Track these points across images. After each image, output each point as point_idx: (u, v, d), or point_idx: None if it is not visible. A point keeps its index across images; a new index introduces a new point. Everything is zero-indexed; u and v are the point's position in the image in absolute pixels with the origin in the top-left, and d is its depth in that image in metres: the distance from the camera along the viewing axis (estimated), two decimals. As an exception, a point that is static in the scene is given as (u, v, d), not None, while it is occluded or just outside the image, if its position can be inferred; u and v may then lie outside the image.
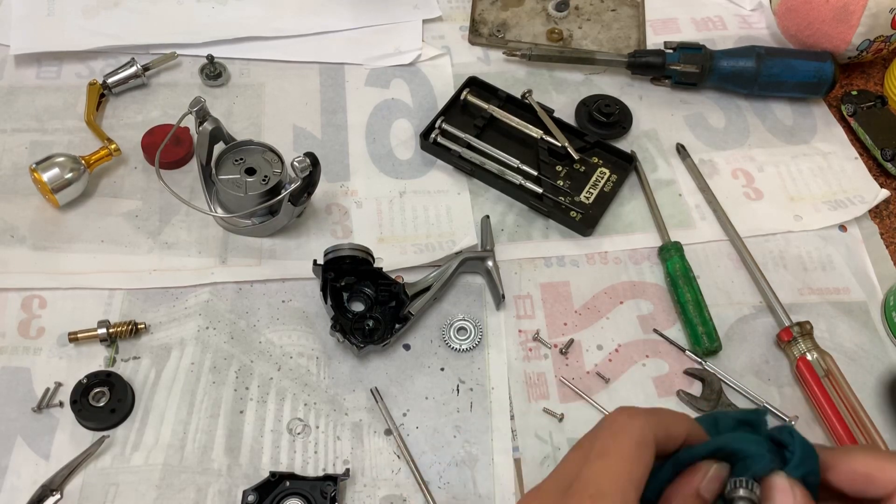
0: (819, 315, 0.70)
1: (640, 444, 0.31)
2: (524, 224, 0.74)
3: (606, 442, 0.31)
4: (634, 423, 0.32)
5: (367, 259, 0.66)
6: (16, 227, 0.71)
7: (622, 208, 0.76)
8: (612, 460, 0.31)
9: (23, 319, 0.66)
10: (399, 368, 0.65)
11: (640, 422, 0.32)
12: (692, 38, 0.87)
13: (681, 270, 0.69)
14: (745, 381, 0.65)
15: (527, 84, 0.84)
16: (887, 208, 0.78)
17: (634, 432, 0.31)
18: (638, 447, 0.31)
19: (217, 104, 0.81)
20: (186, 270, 0.69)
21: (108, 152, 0.73)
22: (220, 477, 0.59)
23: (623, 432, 0.31)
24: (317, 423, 0.62)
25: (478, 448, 0.61)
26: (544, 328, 0.68)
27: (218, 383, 0.63)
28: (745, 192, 0.78)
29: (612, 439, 0.31)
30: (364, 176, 0.77)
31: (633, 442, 0.31)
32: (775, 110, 0.85)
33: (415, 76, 0.85)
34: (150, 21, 0.86)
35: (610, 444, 0.31)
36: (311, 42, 0.87)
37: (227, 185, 0.69)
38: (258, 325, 0.67)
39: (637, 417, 0.32)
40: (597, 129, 0.80)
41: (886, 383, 0.66)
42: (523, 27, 0.91)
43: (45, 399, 0.61)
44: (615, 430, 0.32)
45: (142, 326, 0.65)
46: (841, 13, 0.80)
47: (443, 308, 0.68)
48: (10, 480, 0.58)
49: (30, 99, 0.80)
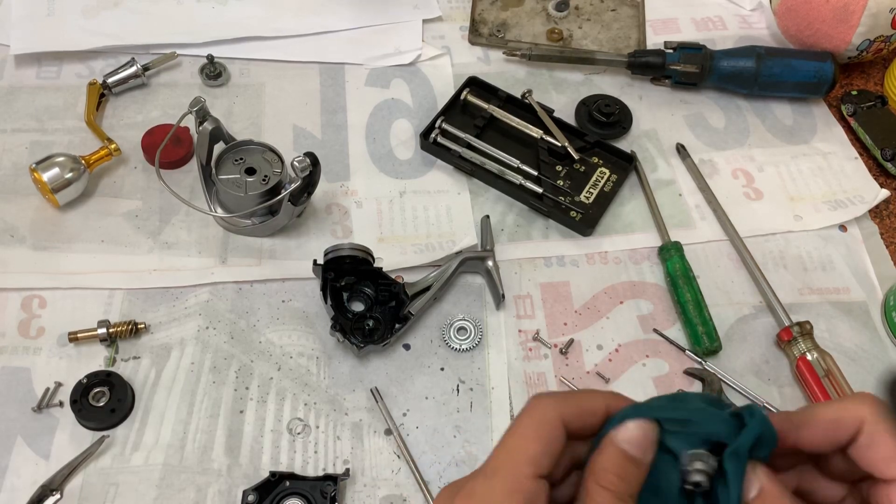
0: (819, 315, 0.70)
1: (541, 422, 0.32)
2: (524, 224, 0.74)
3: (512, 425, 0.33)
4: (539, 404, 0.33)
5: (367, 259, 0.66)
6: (16, 227, 0.71)
7: (622, 208, 0.76)
8: (509, 439, 0.33)
9: (23, 319, 0.66)
10: (399, 368, 0.65)
11: (545, 401, 0.33)
12: (692, 38, 0.87)
13: (681, 270, 0.69)
14: (745, 381, 0.65)
15: (527, 84, 0.84)
16: (887, 208, 0.78)
17: (536, 412, 0.33)
18: (538, 425, 0.32)
19: (217, 104, 0.81)
20: (186, 270, 0.69)
21: (108, 152, 0.73)
22: (220, 477, 0.59)
23: (525, 414, 0.33)
24: (317, 423, 0.62)
25: (478, 448, 0.61)
26: (544, 328, 0.68)
27: (218, 383, 0.63)
28: (745, 192, 0.78)
29: (517, 421, 0.33)
30: (364, 176, 0.77)
31: (532, 421, 0.33)
32: (775, 110, 0.85)
33: (415, 76, 0.85)
34: (150, 21, 0.86)
35: (513, 426, 0.33)
36: (311, 42, 0.87)
37: (227, 185, 0.69)
38: (258, 325, 0.67)
39: (543, 398, 0.33)
40: (597, 129, 0.80)
41: (886, 383, 0.66)
42: (523, 27, 0.91)
43: (45, 399, 0.61)
44: (522, 413, 0.33)
45: (142, 326, 0.65)
46: (841, 13, 0.80)
47: (443, 308, 0.68)
48: (10, 480, 0.58)
49: (30, 99, 0.80)
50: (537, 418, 0.33)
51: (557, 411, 0.33)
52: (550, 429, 0.33)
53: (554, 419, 0.33)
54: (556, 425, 0.33)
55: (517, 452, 0.32)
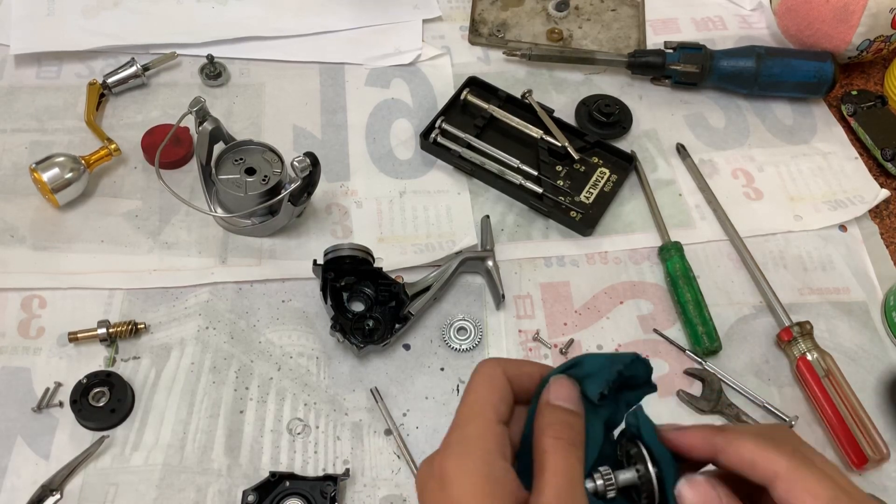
0: (819, 315, 0.70)
1: (490, 376, 0.38)
2: (524, 224, 0.74)
3: (468, 384, 0.38)
4: (486, 364, 0.39)
5: (367, 259, 0.66)
6: (16, 227, 0.71)
7: (622, 208, 0.76)
8: (469, 395, 0.38)
9: (23, 319, 0.66)
10: (399, 368, 0.65)
11: (491, 362, 0.39)
12: (692, 38, 0.87)
13: (681, 270, 0.69)
14: (745, 381, 0.65)
15: (527, 84, 0.84)
16: (887, 208, 0.78)
17: (484, 369, 0.39)
18: (490, 378, 0.38)
19: (217, 104, 0.81)
20: (186, 270, 0.69)
21: (107, 152, 0.73)
22: (220, 477, 0.59)
23: (477, 374, 0.39)
24: (317, 423, 0.62)
25: (478, 448, 0.61)
26: (544, 328, 0.68)
27: (218, 383, 0.63)
28: (745, 192, 0.78)
29: (472, 381, 0.39)
30: (364, 176, 0.77)
31: (485, 378, 0.38)
32: (775, 110, 0.85)
33: (415, 76, 0.85)
34: (150, 21, 0.86)
35: (469, 384, 0.38)
36: (311, 42, 0.87)
37: (227, 185, 0.69)
38: (258, 325, 0.67)
39: (489, 360, 0.39)
40: (597, 129, 0.80)
41: (886, 383, 0.66)
42: (523, 27, 0.91)
43: (45, 399, 0.61)
44: (474, 374, 0.39)
45: (142, 326, 0.65)
46: (841, 13, 0.80)
47: (443, 308, 0.68)
48: (10, 480, 0.58)
49: (30, 99, 0.80)
50: (488, 374, 0.38)
51: (500, 368, 0.38)
52: (501, 382, 0.38)
53: (499, 374, 0.38)
54: (504, 379, 0.38)
55: (479, 404, 0.37)
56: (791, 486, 0.33)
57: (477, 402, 0.37)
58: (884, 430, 0.62)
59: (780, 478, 0.33)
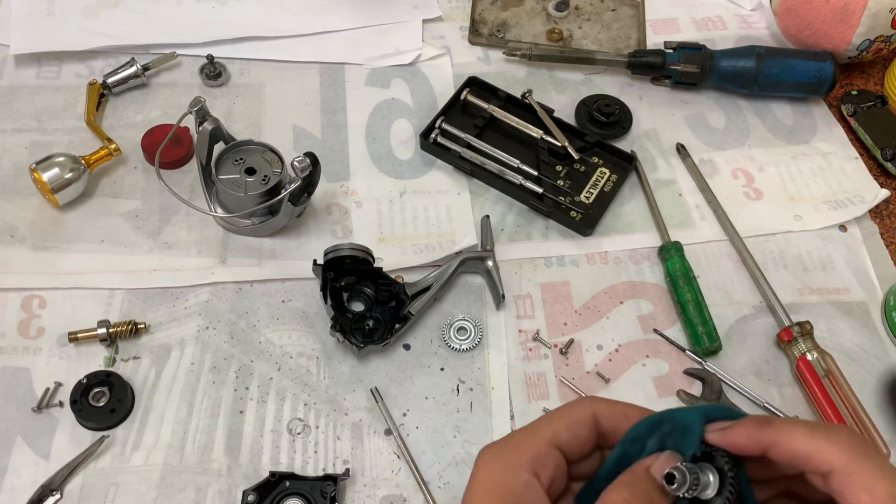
0: (819, 315, 0.70)
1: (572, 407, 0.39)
2: (524, 224, 0.74)
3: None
4: (577, 399, 0.40)
5: (367, 259, 0.66)
6: (16, 227, 0.71)
7: (622, 208, 0.76)
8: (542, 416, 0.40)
9: (23, 319, 0.66)
10: (399, 368, 0.65)
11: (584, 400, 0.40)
12: (692, 38, 0.87)
13: (681, 270, 0.69)
14: (745, 381, 0.65)
15: (527, 84, 0.84)
16: (887, 208, 0.78)
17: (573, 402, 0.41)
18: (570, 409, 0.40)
19: (217, 104, 0.81)
20: (186, 270, 0.69)
21: (107, 152, 0.73)
22: (220, 477, 0.59)
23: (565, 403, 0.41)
24: (317, 423, 0.62)
25: (478, 448, 0.61)
26: (544, 328, 0.68)
27: (218, 383, 0.63)
28: (745, 192, 0.78)
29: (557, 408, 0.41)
30: (364, 176, 0.77)
31: (566, 406, 0.40)
32: (775, 110, 0.85)
33: (415, 76, 0.85)
34: (150, 21, 0.86)
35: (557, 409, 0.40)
36: (311, 42, 0.87)
37: (227, 185, 0.69)
38: (258, 325, 0.67)
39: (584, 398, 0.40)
40: (597, 129, 0.80)
41: (886, 383, 0.66)
42: (523, 27, 0.91)
43: (44, 399, 0.61)
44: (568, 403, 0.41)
45: (142, 326, 0.65)
46: (841, 13, 0.80)
47: (443, 308, 0.68)
48: (10, 480, 0.58)
49: (30, 99, 0.80)
50: (572, 405, 0.39)
51: (592, 408, 0.39)
52: (580, 416, 0.39)
53: (583, 410, 0.39)
54: (585, 415, 0.39)
55: (542, 422, 0.39)
56: (848, 481, 0.32)
57: (541, 421, 0.39)
58: (884, 430, 0.62)
59: (836, 471, 0.32)
